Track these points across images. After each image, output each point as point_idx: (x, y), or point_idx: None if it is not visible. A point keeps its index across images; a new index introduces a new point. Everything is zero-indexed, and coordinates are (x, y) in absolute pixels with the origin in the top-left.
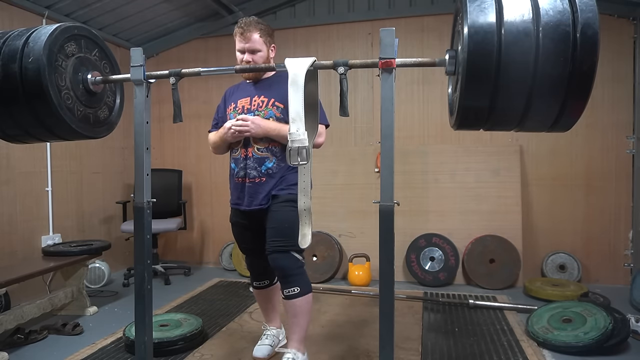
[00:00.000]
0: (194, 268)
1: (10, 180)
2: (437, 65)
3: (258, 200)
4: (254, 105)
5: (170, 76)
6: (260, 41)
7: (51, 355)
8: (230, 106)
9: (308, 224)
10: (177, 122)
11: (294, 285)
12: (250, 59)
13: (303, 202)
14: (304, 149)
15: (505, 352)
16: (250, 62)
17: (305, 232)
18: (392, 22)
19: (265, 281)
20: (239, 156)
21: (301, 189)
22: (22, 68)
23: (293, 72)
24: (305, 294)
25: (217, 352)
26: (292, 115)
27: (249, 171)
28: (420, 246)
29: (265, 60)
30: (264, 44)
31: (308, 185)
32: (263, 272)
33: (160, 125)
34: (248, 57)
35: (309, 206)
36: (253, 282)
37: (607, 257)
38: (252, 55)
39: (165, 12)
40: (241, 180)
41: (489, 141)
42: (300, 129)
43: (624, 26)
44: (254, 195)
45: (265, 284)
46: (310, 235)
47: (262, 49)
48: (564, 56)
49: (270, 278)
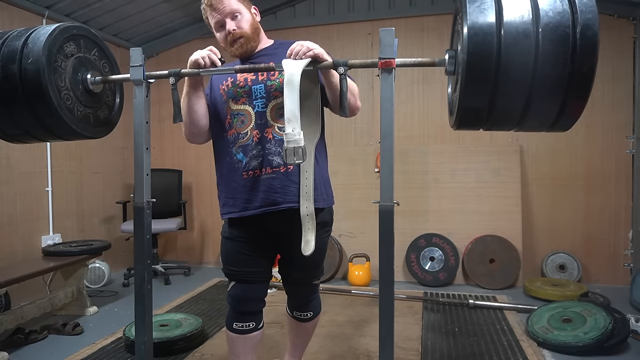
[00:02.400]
0: (194, 268)
1: (10, 180)
2: (437, 65)
3: (289, 196)
4: (261, 74)
5: (169, 76)
6: (235, 1)
7: (51, 355)
8: (224, 82)
9: (311, 229)
10: (177, 122)
11: (309, 310)
12: (234, 27)
13: (306, 207)
14: (300, 149)
15: (505, 352)
16: (234, 30)
17: (309, 238)
18: (392, 22)
19: (250, 323)
20: (250, 141)
21: (303, 194)
22: (21, 69)
23: (289, 72)
24: (317, 315)
25: (217, 352)
26: (287, 115)
27: (270, 158)
28: (420, 246)
29: (252, 25)
30: (241, 5)
31: (311, 189)
32: (254, 311)
33: (160, 125)
34: (231, 24)
35: (312, 211)
36: (233, 324)
37: (607, 257)
38: (235, 22)
39: (166, 12)
40: (255, 174)
41: (489, 141)
42: (296, 129)
43: (624, 26)
44: (280, 189)
45: (250, 328)
46: (313, 242)
47: (241, 11)
48: (563, 57)
49: (257, 320)
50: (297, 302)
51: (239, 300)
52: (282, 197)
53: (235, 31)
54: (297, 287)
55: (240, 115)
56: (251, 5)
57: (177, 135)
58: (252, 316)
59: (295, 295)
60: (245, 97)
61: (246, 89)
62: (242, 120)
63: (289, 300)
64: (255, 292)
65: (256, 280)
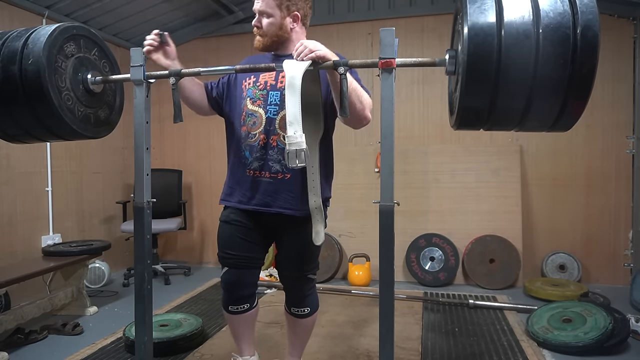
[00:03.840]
0: (194, 268)
1: (10, 180)
2: (437, 65)
3: (280, 202)
4: (281, 82)
5: (170, 76)
6: (272, 4)
7: (51, 355)
8: (247, 79)
9: (320, 221)
10: (177, 122)
11: (306, 306)
12: (259, 24)
13: (314, 201)
14: (302, 152)
15: (505, 352)
16: (258, 27)
17: (318, 229)
18: (392, 22)
19: (244, 305)
20: (256, 143)
21: (310, 188)
22: (22, 70)
23: (290, 75)
24: (314, 312)
25: (217, 352)
26: (289, 118)
27: (271, 164)
28: (420, 246)
29: (278, 29)
30: (276, 8)
31: (317, 184)
32: (246, 294)
33: (160, 125)
34: (256, 20)
35: (319, 204)
36: (228, 307)
37: (607, 257)
38: (262, 19)
39: (166, 12)
40: (254, 173)
41: (489, 141)
42: (298, 132)
43: (624, 26)
44: (274, 194)
45: (244, 309)
46: (323, 233)
47: (273, 14)
48: (564, 58)
49: (250, 301)
50: (293, 297)
51: (231, 285)
52: (274, 202)
53: (257, 29)
54: (292, 281)
55: (254, 116)
56: (292, 12)
57: (177, 135)
58: (245, 299)
59: (291, 290)
60: (261, 100)
61: (264, 92)
62: (254, 121)
63: (286, 296)
64: (247, 277)
65: (248, 265)
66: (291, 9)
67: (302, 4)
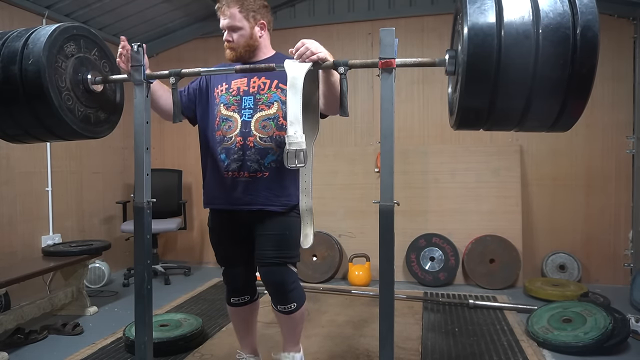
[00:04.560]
0: (194, 268)
1: (10, 180)
2: (437, 65)
3: (261, 199)
4: (253, 87)
5: (170, 76)
6: (239, 17)
7: (51, 355)
8: (219, 87)
9: (310, 224)
10: (177, 122)
11: (291, 302)
12: (230, 38)
13: (305, 203)
14: (301, 152)
15: (505, 352)
16: (230, 41)
17: (307, 232)
18: (392, 22)
19: (245, 297)
20: (233, 145)
21: (302, 189)
22: (22, 70)
23: (292, 75)
24: (301, 306)
25: (217, 352)
26: (290, 118)
27: (249, 164)
28: (420, 246)
29: (249, 39)
30: (244, 20)
31: (309, 185)
32: (244, 287)
33: (160, 125)
34: (227, 35)
35: (310, 206)
36: (230, 299)
37: (607, 257)
38: (232, 34)
39: (165, 12)
40: (233, 175)
41: (489, 141)
42: (298, 132)
43: (624, 26)
44: (254, 192)
45: (245, 300)
46: (312, 236)
47: (243, 26)
48: (563, 59)
49: (251, 293)
50: (276, 292)
51: (230, 282)
52: (255, 200)
53: (229, 43)
54: (272, 270)
55: (229, 120)
56: (260, 19)
57: (177, 135)
58: (245, 291)
59: (272, 283)
60: (235, 105)
61: (237, 98)
62: (230, 125)
63: (270, 293)
64: (243, 274)
65: (242, 262)
66: (257, 19)
67: (265, 11)
